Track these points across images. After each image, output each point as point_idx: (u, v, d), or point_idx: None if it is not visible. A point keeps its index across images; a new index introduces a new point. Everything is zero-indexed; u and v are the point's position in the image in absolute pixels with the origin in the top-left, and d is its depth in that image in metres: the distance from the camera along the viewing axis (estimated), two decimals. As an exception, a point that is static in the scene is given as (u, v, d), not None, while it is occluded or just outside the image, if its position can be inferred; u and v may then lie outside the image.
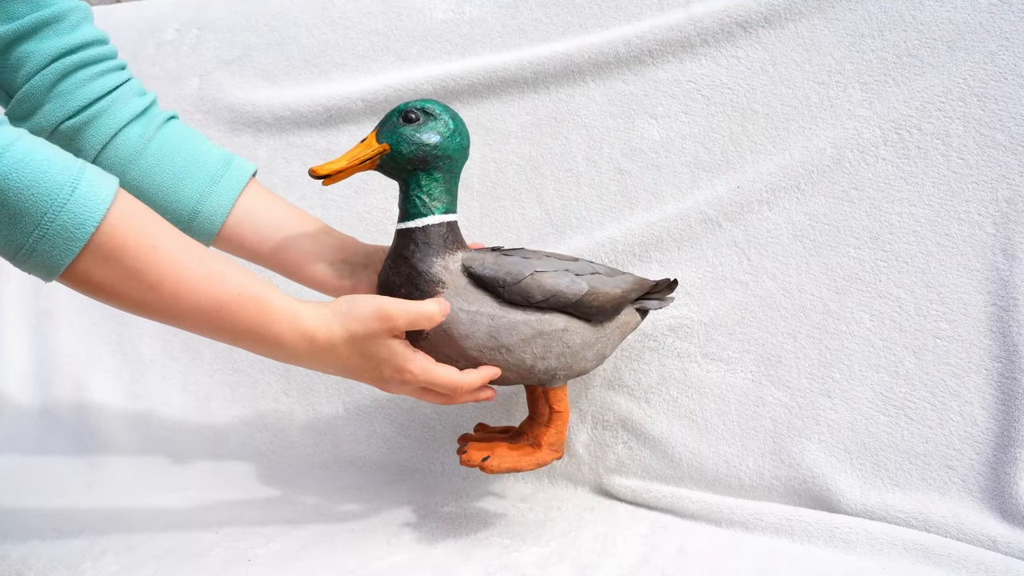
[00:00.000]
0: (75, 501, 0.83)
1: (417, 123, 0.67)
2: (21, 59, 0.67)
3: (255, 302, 0.61)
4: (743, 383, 0.80)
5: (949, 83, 0.76)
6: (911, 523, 0.71)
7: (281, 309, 0.62)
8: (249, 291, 0.61)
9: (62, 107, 0.69)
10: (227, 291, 0.60)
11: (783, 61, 0.82)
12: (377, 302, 0.63)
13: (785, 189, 0.80)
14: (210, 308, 0.60)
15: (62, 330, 1.06)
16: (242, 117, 1.02)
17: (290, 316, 0.62)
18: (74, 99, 0.69)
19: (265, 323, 0.61)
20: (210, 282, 0.60)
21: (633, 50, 0.86)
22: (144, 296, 0.58)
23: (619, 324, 0.72)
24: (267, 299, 0.62)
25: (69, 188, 0.55)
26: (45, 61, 0.68)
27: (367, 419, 0.93)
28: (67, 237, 0.55)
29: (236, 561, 0.68)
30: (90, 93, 0.70)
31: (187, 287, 0.59)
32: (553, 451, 0.71)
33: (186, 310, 0.59)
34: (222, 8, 1.07)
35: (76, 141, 0.70)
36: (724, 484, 0.78)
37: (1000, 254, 0.74)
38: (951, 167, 0.76)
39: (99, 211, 0.56)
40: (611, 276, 0.70)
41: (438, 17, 0.96)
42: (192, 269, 0.59)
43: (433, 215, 0.66)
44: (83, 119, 0.70)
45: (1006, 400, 0.72)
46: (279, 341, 0.62)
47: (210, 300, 0.60)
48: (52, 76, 0.68)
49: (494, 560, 0.68)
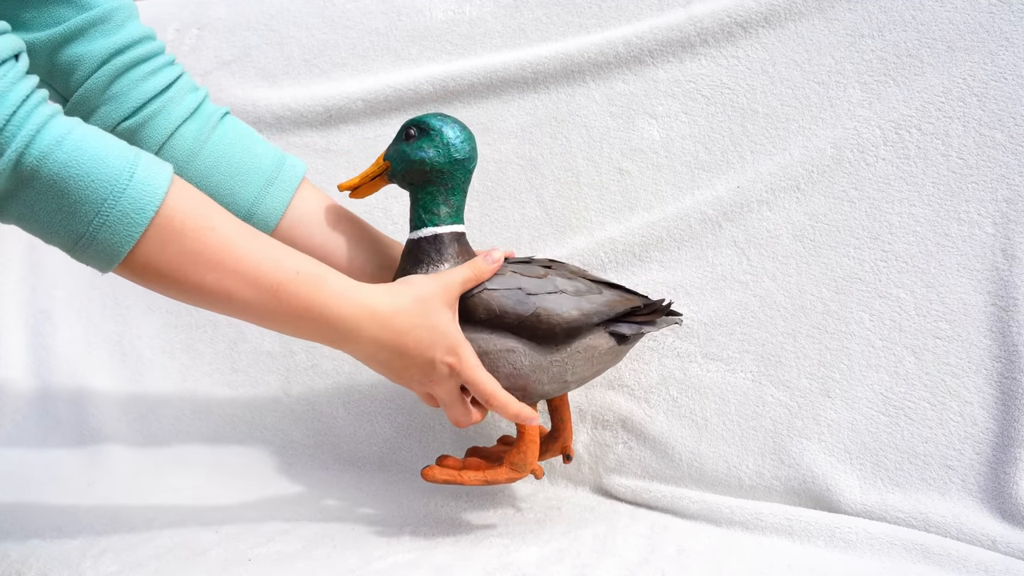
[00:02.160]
0: (75, 501, 0.83)
1: (413, 140, 0.69)
2: (72, 62, 0.67)
3: (313, 280, 0.61)
4: (743, 383, 0.80)
5: (949, 83, 0.76)
6: (911, 523, 0.71)
7: (339, 285, 0.62)
8: (307, 269, 0.61)
9: (118, 108, 0.69)
10: (285, 270, 0.60)
11: (783, 61, 0.82)
12: (442, 273, 0.66)
13: (785, 189, 0.80)
14: (269, 287, 0.60)
15: (62, 330, 1.06)
16: (242, 117, 1.02)
17: (349, 290, 0.62)
18: (129, 99, 0.69)
19: (324, 299, 0.61)
20: (268, 262, 0.60)
21: (633, 50, 0.86)
22: (204, 279, 0.58)
23: (582, 348, 0.68)
24: (325, 277, 0.62)
25: (128, 174, 0.55)
26: (96, 63, 0.67)
27: (367, 419, 0.93)
28: (128, 223, 0.55)
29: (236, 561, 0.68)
30: (144, 92, 0.70)
31: (245, 267, 0.59)
32: (513, 470, 0.70)
33: (244, 290, 0.59)
34: (222, 8, 1.07)
35: (134, 141, 0.70)
36: (724, 484, 0.78)
37: (1000, 254, 0.74)
38: (951, 167, 0.76)
39: (158, 196, 0.56)
40: (580, 296, 0.68)
41: (438, 17, 0.96)
42: (250, 250, 0.60)
43: (427, 228, 0.69)
44: (140, 119, 0.70)
45: (1006, 400, 0.72)
46: (339, 316, 0.62)
47: (269, 279, 0.60)
48: (105, 78, 0.68)
49: (494, 560, 0.68)
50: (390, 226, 0.95)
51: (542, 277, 0.68)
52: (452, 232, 0.69)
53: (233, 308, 0.61)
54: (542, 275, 0.69)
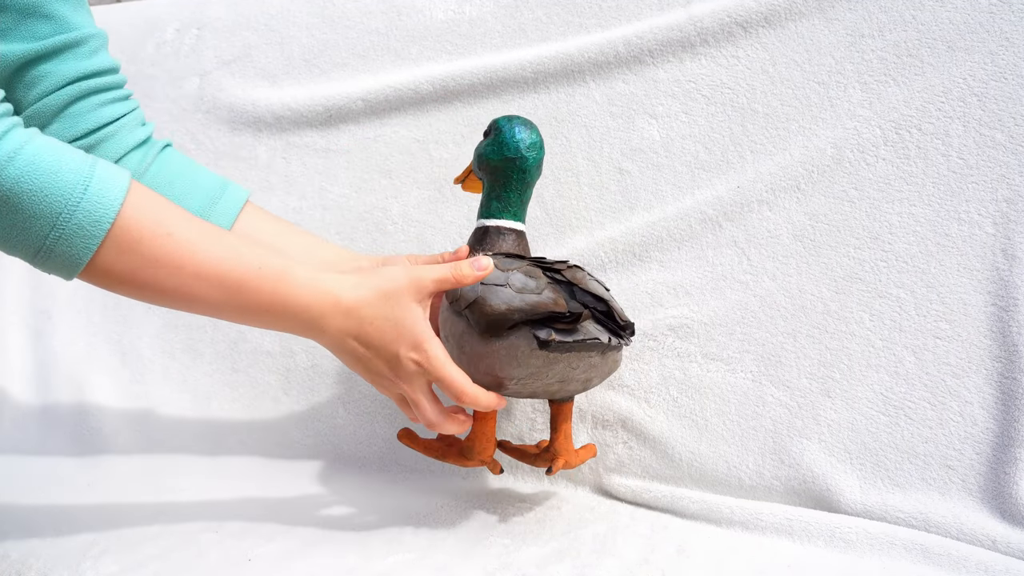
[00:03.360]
0: (75, 501, 0.83)
1: (486, 136, 0.76)
2: (37, 78, 0.68)
3: (276, 273, 0.62)
4: (743, 383, 0.80)
5: (949, 83, 0.76)
6: (911, 523, 0.71)
7: (303, 276, 0.63)
8: (269, 263, 0.62)
9: (70, 128, 0.71)
10: (247, 265, 0.61)
11: (783, 61, 0.82)
12: (405, 262, 0.65)
13: (785, 189, 0.80)
14: (231, 284, 0.60)
15: (62, 330, 1.06)
16: (242, 117, 1.02)
17: (313, 281, 0.63)
18: (83, 122, 0.71)
19: (288, 292, 0.62)
20: (229, 260, 0.61)
21: (633, 50, 0.86)
22: (165, 283, 0.59)
23: (507, 345, 0.66)
24: (288, 269, 0.62)
25: (82, 187, 0.56)
26: (61, 83, 0.69)
27: (367, 419, 0.93)
28: (84, 235, 0.56)
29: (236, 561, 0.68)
30: (99, 119, 0.72)
31: (207, 268, 0.60)
32: (462, 456, 0.71)
33: (208, 291, 0.60)
34: (222, 8, 1.07)
35: None
36: (724, 484, 0.78)
37: (1000, 254, 0.74)
38: (951, 167, 0.76)
39: (113, 207, 0.57)
40: (520, 293, 0.66)
41: (438, 17, 0.96)
42: (209, 250, 0.60)
43: (480, 219, 0.75)
44: (88, 143, 0.72)
45: (1006, 400, 0.72)
46: (303, 305, 0.62)
47: (231, 276, 0.60)
48: (65, 98, 0.69)
49: (494, 560, 0.68)
50: (389, 226, 0.95)
51: (509, 271, 0.68)
52: (498, 226, 0.73)
53: (200, 308, 0.61)
54: (511, 268, 0.68)
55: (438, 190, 0.93)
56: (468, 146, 0.92)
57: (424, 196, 0.94)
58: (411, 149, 0.95)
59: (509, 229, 0.74)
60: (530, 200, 0.77)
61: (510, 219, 0.74)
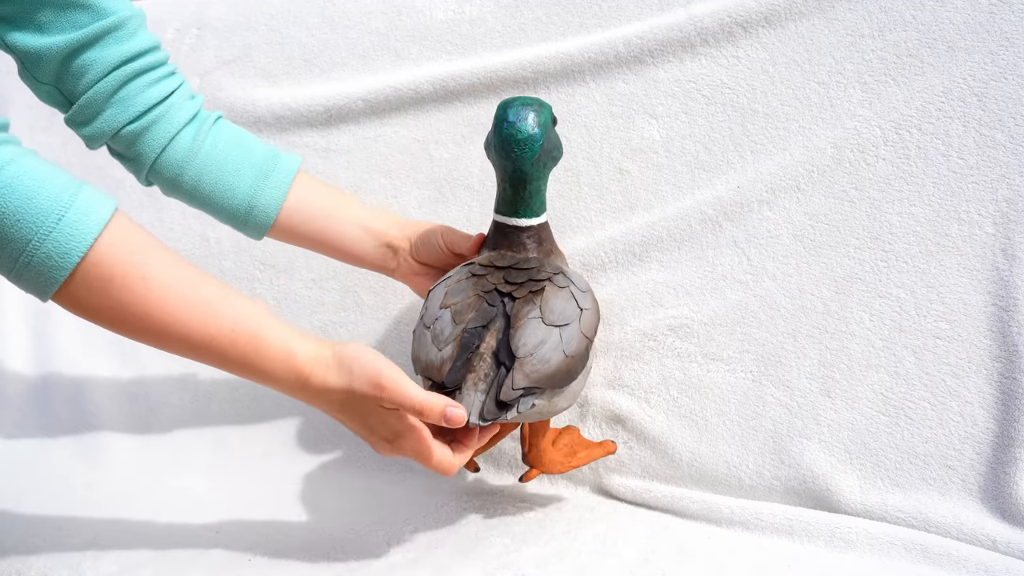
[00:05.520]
0: (75, 501, 0.83)
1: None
2: (84, 66, 0.68)
3: (248, 337, 0.60)
4: (743, 383, 0.80)
5: (949, 83, 0.76)
6: (911, 523, 0.71)
7: (275, 346, 0.61)
8: (242, 325, 0.60)
9: (123, 112, 0.71)
10: (219, 326, 0.60)
11: (783, 61, 0.82)
12: (375, 369, 0.61)
13: (785, 189, 0.80)
14: (200, 342, 0.60)
15: (62, 330, 1.06)
16: (242, 117, 1.02)
17: (285, 354, 0.61)
18: (134, 105, 0.71)
19: (258, 360, 0.61)
20: (201, 316, 0.59)
21: (633, 50, 0.86)
22: (134, 325, 0.59)
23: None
24: (261, 334, 0.61)
25: (56, 216, 0.55)
26: (107, 69, 0.69)
27: (367, 419, 0.93)
28: (52, 266, 0.55)
29: (236, 561, 0.68)
30: (148, 99, 0.72)
31: (176, 321, 0.59)
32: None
33: (176, 342, 0.60)
34: (222, 8, 1.07)
35: (136, 145, 0.73)
36: (724, 484, 0.78)
37: (1000, 254, 0.74)
38: (951, 167, 0.76)
39: (86, 241, 0.55)
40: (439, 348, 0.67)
41: (438, 17, 0.96)
42: (182, 303, 0.59)
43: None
44: (143, 124, 0.72)
45: (1006, 400, 0.72)
46: (272, 378, 0.62)
47: (201, 334, 0.59)
48: (114, 83, 0.70)
49: (494, 560, 0.68)
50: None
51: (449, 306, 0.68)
52: (500, 223, 0.71)
53: (170, 351, 0.61)
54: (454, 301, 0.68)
55: (438, 190, 0.93)
56: (468, 146, 0.92)
57: (424, 196, 0.94)
58: (411, 149, 0.95)
59: (511, 226, 0.71)
60: (541, 192, 0.71)
61: (511, 216, 0.71)
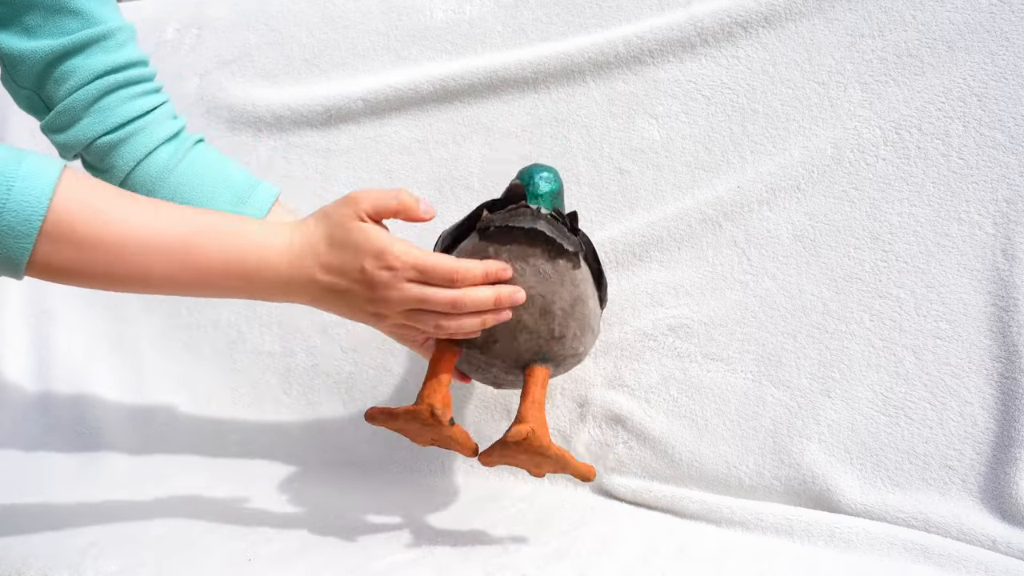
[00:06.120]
0: (75, 501, 0.83)
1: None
2: (67, 73, 0.68)
3: (225, 224, 0.61)
4: (743, 383, 0.80)
5: (949, 83, 0.76)
6: (911, 523, 0.71)
7: (252, 224, 0.62)
8: (216, 216, 0.61)
9: (100, 123, 0.70)
10: (193, 224, 0.60)
11: (783, 61, 0.82)
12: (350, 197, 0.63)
13: (785, 189, 0.80)
14: (178, 246, 0.59)
15: (62, 330, 1.06)
16: (242, 117, 1.02)
17: (263, 227, 0.62)
18: (113, 116, 0.71)
19: (240, 243, 0.61)
20: (171, 224, 0.59)
21: (633, 50, 0.86)
22: (112, 266, 0.58)
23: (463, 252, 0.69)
24: (237, 220, 0.62)
25: (6, 187, 0.54)
26: (90, 77, 0.69)
27: (367, 419, 0.93)
28: (16, 235, 0.55)
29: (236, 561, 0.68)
30: (129, 112, 0.71)
31: (149, 238, 0.58)
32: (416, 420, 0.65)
33: (156, 262, 0.59)
34: (222, 8, 1.07)
35: (110, 157, 0.72)
36: (724, 484, 0.78)
37: (1000, 254, 0.74)
38: (951, 167, 0.76)
39: (42, 204, 0.55)
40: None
41: (438, 17, 0.96)
42: (148, 223, 0.58)
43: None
44: (119, 136, 0.71)
45: (1006, 400, 0.72)
46: (258, 256, 0.61)
47: (176, 238, 0.59)
48: (95, 92, 0.69)
49: (494, 560, 0.68)
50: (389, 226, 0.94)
51: None
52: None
53: (152, 286, 0.60)
54: None
55: (438, 190, 0.93)
56: (468, 146, 0.92)
57: (424, 196, 0.94)
58: (411, 149, 0.95)
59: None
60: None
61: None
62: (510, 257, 0.64)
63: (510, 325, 0.65)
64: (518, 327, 0.65)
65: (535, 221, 0.64)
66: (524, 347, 0.66)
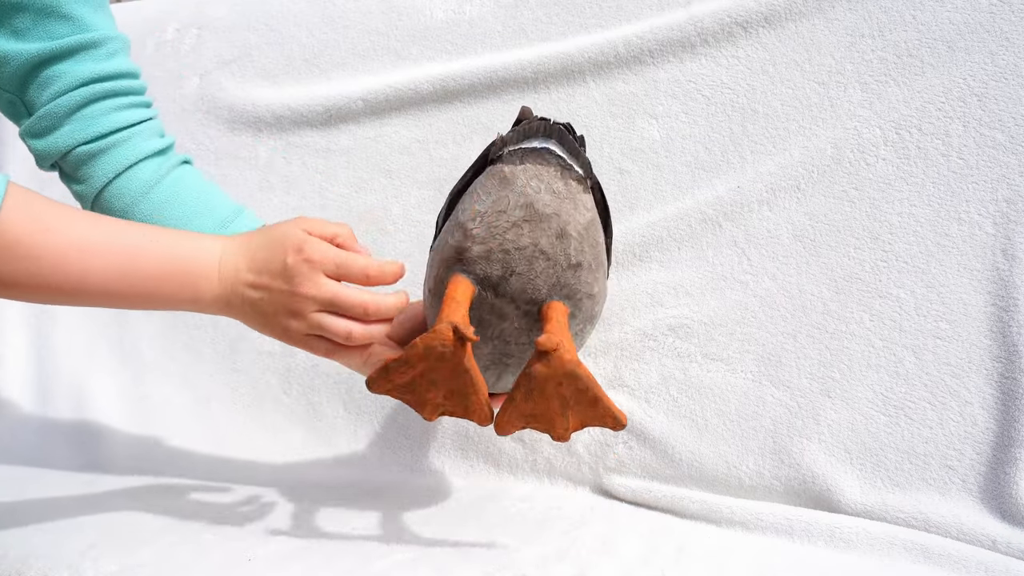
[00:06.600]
0: (75, 501, 0.83)
1: None
2: (52, 78, 0.66)
3: (163, 232, 0.61)
4: (743, 383, 0.80)
5: (949, 83, 0.76)
6: (911, 523, 0.71)
7: (190, 233, 0.63)
8: (159, 231, 0.61)
9: (81, 131, 0.68)
10: (136, 233, 0.60)
11: (783, 61, 0.82)
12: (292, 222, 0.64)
13: (785, 189, 0.80)
14: (121, 253, 0.58)
15: (62, 330, 1.06)
16: (242, 117, 1.02)
17: (199, 236, 0.63)
18: (96, 125, 0.69)
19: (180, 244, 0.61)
20: (115, 233, 0.59)
21: (633, 50, 0.86)
22: (51, 276, 0.56)
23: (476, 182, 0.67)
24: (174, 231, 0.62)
25: None
26: (75, 83, 0.67)
27: (367, 419, 0.93)
28: None
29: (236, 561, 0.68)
30: (112, 122, 0.69)
31: (92, 245, 0.58)
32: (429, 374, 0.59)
33: (97, 269, 0.58)
34: (222, 8, 1.07)
35: (87, 166, 0.70)
36: (724, 484, 0.78)
37: (1000, 254, 0.74)
38: (951, 167, 0.76)
39: None
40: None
41: (438, 17, 0.96)
42: (93, 230, 0.58)
43: None
44: (100, 146, 0.69)
45: (1006, 400, 0.72)
46: (195, 256, 0.61)
47: (119, 248, 0.58)
48: (79, 99, 0.67)
49: (494, 560, 0.68)
50: (389, 226, 0.95)
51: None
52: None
53: (92, 293, 0.59)
54: None
55: (438, 190, 0.93)
56: (468, 146, 0.92)
57: (424, 196, 0.94)
58: (411, 149, 0.95)
59: None
60: None
61: None
62: (526, 176, 0.63)
63: (527, 253, 0.62)
64: (535, 253, 0.62)
65: (547, 140, 0.64)
66: (542, 278, 0.62)
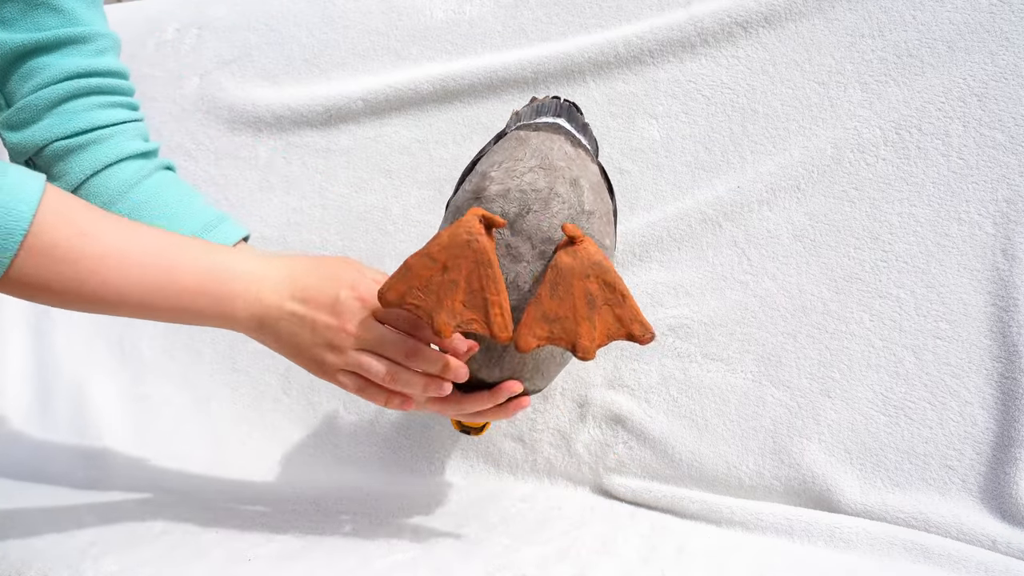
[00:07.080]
0: (75, 501, 0.83)
1: None
2: (35, 69, 0.65)
3: (203, 245, 0.60)
4: (743, 383, 0.80)
5: (949, 83, 0.76)
6: (911, 523, 0.71)
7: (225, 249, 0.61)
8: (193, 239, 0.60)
9: (61, 125, 0.66)
10: (177, 244, 0.58)
11: (783, 61, 0.82)
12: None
13: (785, 189, 0.80)
14: (163, 264, 0.57)
15: (62, 329, 1.06)
16: (242, 117, 1.02)
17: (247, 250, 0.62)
18: (76, 121, 0.67)
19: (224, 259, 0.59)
20: (155, 242, 0.58)
21: (633, 50, 0.86)
22: (87, 281, 0.55)
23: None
24: (215, 245, 0.61)
25: None
26: (59, 76, 0.65)
27: (367, 419, 0.93)
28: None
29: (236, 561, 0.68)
30: (94, 119, 0.67)
31: (127, 254, 0.56)
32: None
33: (136, 278, 0.56)
34: (222, 8, 1.07)
35: (64, 162, 0.67)
36: (724, 484, 0.78)
37: (1000, 254, 0.74)
38: (951, 167, 0.76)
39: (25, 218, 0.52)
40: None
41: (438, 17, 0.96)
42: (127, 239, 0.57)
43: None
44: (79, 142, 0.67)
45: (1006, 400, 0.72)
46: (241, 272, 0.59)
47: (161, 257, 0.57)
48: (62, 92, 0.66)
49: (494, 560, 0.68)
50: (389, 226, 0.95)
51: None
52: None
53: (128, 304, 0.57)
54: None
55: (438, 190, 0.93)
56: (468, 146, 0.92)
57: (424, 196, 0.94)
58: (411, 149, 0.95)
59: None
60: None
61: None
62: (539, 139, 0.65)
63: (543, 194, 0.62)
64: (551, 194, 0.62)
65: (557, 117, 0.67)
66: (558, 217, 0.63)
